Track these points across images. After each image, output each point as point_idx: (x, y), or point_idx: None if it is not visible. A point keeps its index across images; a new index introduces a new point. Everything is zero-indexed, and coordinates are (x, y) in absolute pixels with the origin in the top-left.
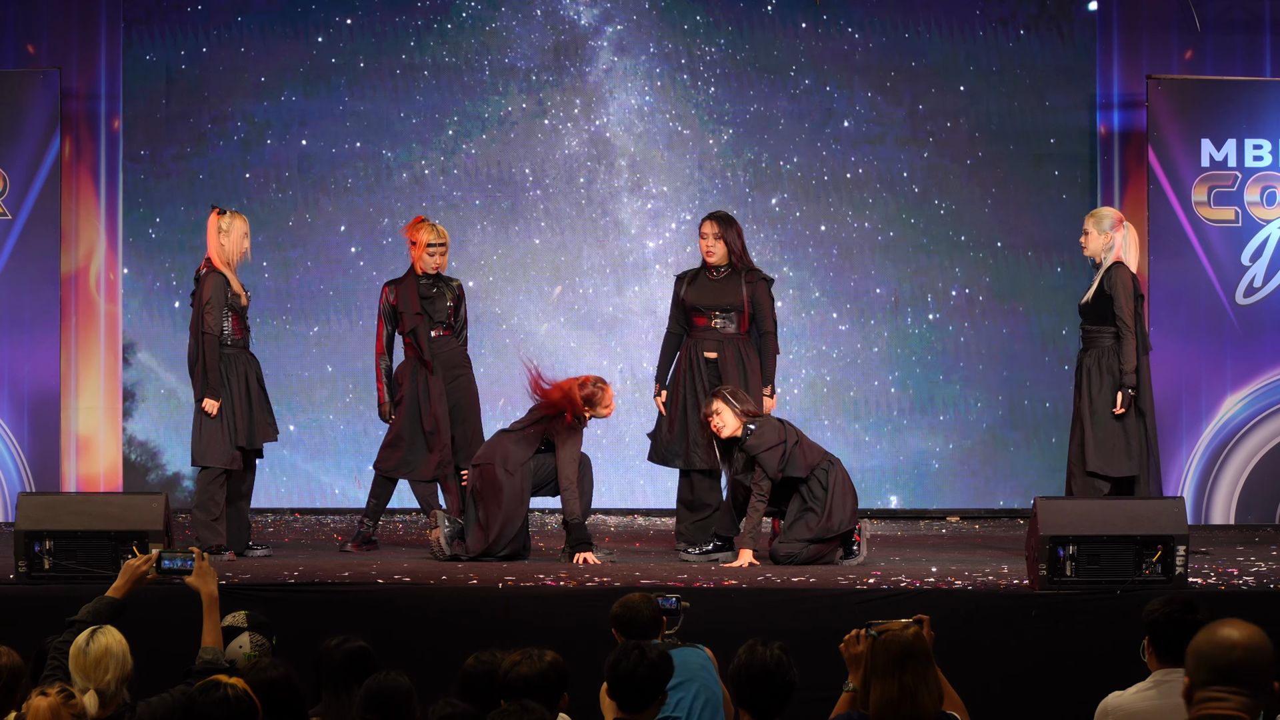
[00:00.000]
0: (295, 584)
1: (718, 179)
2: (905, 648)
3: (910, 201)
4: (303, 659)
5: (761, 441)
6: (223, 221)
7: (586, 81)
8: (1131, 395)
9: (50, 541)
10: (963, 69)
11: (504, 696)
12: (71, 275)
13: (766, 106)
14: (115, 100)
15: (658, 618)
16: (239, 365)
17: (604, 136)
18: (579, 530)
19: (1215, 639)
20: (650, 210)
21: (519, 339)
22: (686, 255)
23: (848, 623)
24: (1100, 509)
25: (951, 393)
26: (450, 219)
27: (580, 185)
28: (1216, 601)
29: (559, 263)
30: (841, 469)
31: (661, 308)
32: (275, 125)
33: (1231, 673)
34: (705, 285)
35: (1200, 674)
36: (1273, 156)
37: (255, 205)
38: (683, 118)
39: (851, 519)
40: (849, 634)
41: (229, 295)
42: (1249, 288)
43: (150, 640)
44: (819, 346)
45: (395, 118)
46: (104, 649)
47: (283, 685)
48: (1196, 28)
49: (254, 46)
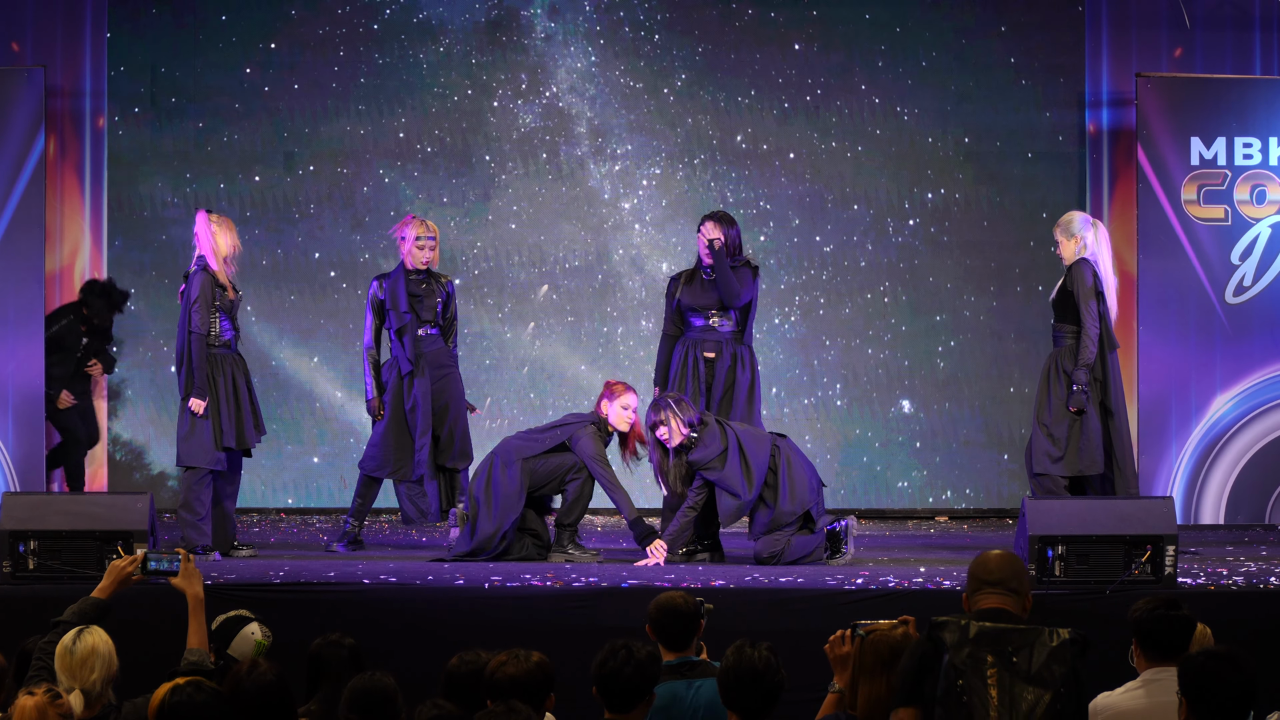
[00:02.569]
0: (281, 584)
1: (679, 127)
2: (894, 647)
3: (896, 199)
4: (288, 660)
5: (706, 454)
6: (214, 222)
7: (528, 54)
8: (1080, 393)
9: (35, 542)
10: (951, 66)
11: (490, 697)
12: (56, 274)
13: (714, 45)
14: (100, 98)
15: (696, 616)
16: (226, 365)
17: (557, 107)
18: (639, 525)
19: (979, 560)
20: (619, 171)
21: (511, 329)
22: (663, 208)
23: (836, 624)
24: (1089, 509)
25: (934, 387)
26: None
27: (544, 161)
28: (1205, 601)
29: (539, 241)
30: (789, 446)
31: (649, 265)
32: (262, 123)
33: (993, 579)
34: (701, 285)
35: (972, 584)
36: (1263, 155)
37: (239, 204)
38: (633, 71)
39: (812, 493)
40: (834, 635)
41: (217, 294)
42: (1239, 287)
43: (135, 642)
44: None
45: (342, 131)
46: (90, 648)
47: (277, 688)
48: (1186, 25)
49: (239, 43)
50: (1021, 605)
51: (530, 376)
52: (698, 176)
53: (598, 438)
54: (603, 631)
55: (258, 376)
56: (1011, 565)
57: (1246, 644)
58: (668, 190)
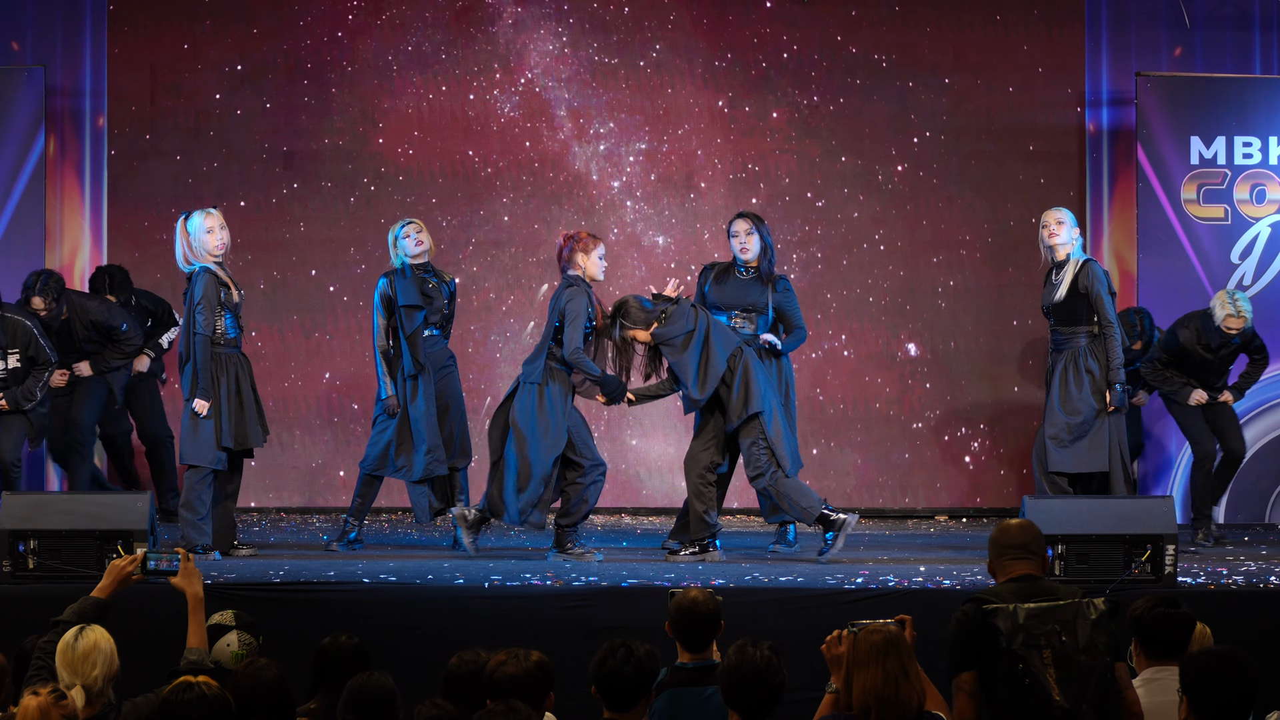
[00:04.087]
0: (281, 584)
1: (660, 98)
2: (887, 638)
3: (897, 199)
4: (288, 659)
5: (669, 332)
6: (193, 226)
7: (498, 43)
8: (1124, 393)
9: (35, 541)
10: (950, 65)
11: (490, 696)
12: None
13: (686, 10)
14: (100, 97)
15: (717, 616)
16: (230, 366)
17: (534, 92)
18: (609, 380)
19: (1002, 529)
20: (604, 151)
21: (518, 319)
22: (653, 182)
23: (836, 623)
24: (1089, 508)
25: (936, 390)
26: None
27: (528, 149)
28: (1205, 601)
29: (533, 231)
30: (745, 359)
31: (646, 240)
32: (263, 122)
33: (1016, 544)
34: (733, 283)
35: (996, 551)
36: (1262, 154)
37: (239, 202)
38: (606, 48)
39: (754, 397)
40: (830, 635)
41: (221, 294)
42: (1238, 286)
43: (135, 641)
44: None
45: (320, 144)
46: (92, 644)
47: (275, 686)
48: (1186, 24)
49: (238, 44)
50: (1042, 566)
51: None
52: (683, 146)
53: (582, 296)
54: (602, 631)
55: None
56: (1031, 531)
57: (1247, 643)
58: (655, 164)
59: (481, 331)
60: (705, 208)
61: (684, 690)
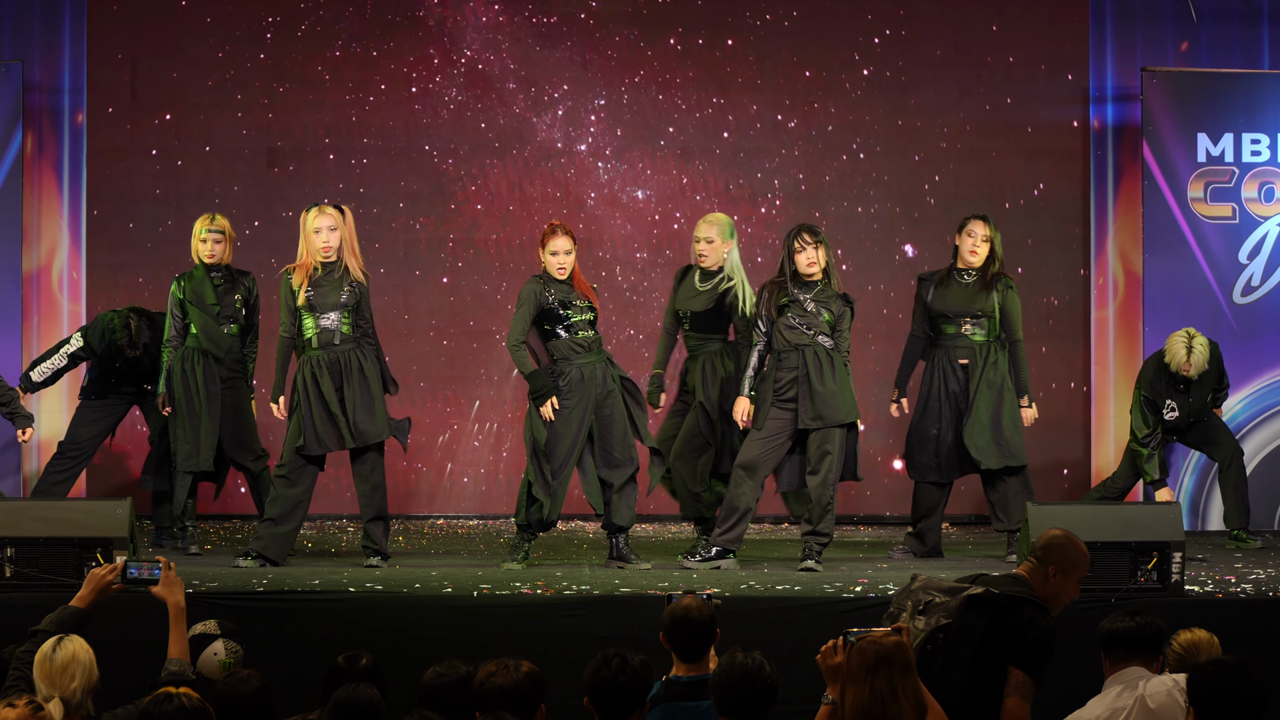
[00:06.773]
0: (264, 593)
1: (610, 50)
2: (881, 653)
3: (899, 195)
4: (271, 669)
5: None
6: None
7: (428, 27)
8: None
9: (11, 549)
10: (954, 61)
11: (480, 708)
12: (34, 273)
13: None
14: (79, 94)
15: (712, 625)
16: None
17: (478, 70)
18: (537, 377)
19: (1072, 541)
20: (563, 116)
21: (512, 303)
22: (619, 137)
23: (832, 632)
24: (1094, 514)
25: None
26: (411, 238)
27: (484, 130)
28: (1214, 609)
29: (509, 213)
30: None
31: (625, 198)
32: (244, 119)
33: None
34: (955, 289)
35: (1067, 566)
36: (1271, 151)
37: (217, 200)
38: (543, 6)
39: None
40: (826, 645)
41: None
42: (1247, 286)
43: (115, 652)
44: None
45: (300, 143)
46: (70, 655)
47: (257, 697)
48: (1192, 19)
49: (219, 39)
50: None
51: None
52: (644, 95)
53: (535, 283)
54: (594, 640)
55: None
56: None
57: (1256, 653)
58: (618, 118)
59: (485, 322)
60: (677, 152)
61: (678, 705)
